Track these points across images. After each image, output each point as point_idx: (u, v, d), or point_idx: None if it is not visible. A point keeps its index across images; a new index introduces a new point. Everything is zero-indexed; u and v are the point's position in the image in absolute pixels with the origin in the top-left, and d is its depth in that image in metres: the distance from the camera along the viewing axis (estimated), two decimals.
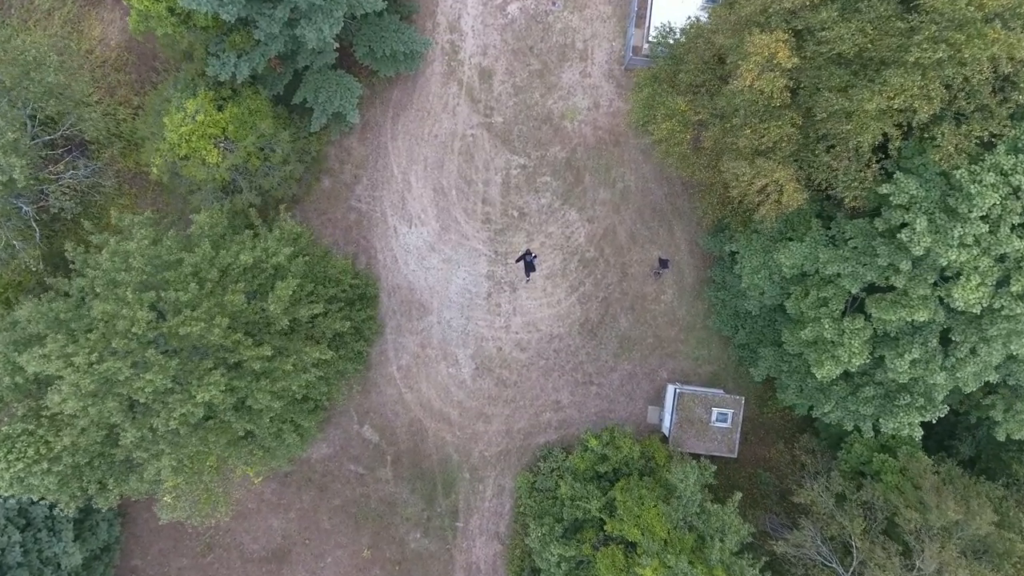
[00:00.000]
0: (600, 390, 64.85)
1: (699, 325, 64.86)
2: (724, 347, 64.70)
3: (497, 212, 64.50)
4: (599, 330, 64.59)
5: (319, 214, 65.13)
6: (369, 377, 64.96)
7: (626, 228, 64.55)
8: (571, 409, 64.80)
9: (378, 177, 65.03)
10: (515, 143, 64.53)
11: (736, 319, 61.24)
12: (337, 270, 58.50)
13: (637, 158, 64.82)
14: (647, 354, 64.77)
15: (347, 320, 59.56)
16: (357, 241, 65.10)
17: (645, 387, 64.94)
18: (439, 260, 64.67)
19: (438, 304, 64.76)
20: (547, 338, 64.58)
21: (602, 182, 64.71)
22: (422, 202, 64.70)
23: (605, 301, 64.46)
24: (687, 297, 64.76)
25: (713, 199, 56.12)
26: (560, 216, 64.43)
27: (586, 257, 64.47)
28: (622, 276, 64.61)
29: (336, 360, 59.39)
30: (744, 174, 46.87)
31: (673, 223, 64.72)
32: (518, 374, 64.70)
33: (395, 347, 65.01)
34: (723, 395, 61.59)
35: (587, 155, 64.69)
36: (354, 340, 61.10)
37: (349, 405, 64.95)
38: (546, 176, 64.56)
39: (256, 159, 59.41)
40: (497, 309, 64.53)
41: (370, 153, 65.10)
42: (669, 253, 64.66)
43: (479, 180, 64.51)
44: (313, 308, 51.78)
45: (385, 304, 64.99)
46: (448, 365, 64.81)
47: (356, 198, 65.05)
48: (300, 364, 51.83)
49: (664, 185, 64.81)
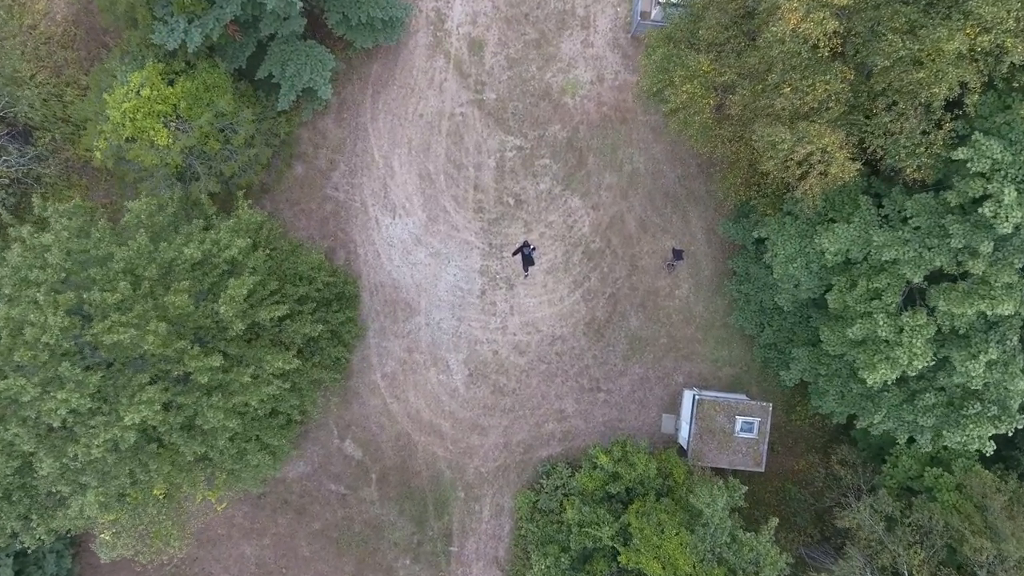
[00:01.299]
0: (608, 397, 55.19)
1: (718, 323, 55.19)
2: (747, 347, 55.05)
3: (491, 200, 54.88)
4: (606, 330, 54.97)
5: (291, 204, 55.43)
6: (350, 386, 55.29)
7: (635, 216, 54.93)
8: (576, 419, 55.13)
9: (357, 162, 55.38)
10: (510, 122, 54.91)
11: (762, 316, 51.57)
12: (309, 266, 48.79)
13: (647, 137, 55.16)
14: (660, 356, 55.12)
15: (321, 323, 49.93)
16: (334, 234, 55.42)
17: (659, 393, 55.28)
18: (426, 254, 55.04)
19: (426, 304, 55.13)
20: (548, 340, 54.94)
21: (608, 164, 55.08)
22: (406, 190, 55.08)
23: (613, 298, 54.84)
24: (704, 292, 55.11)
25: (737, 178, 46.47)
26: (561, 203, 54.80)
27: (591, 249, 54.84)
28: (631, 269, 54.99)
29: (309, 368, 49.74)
30: (783, 142, 37.17)
31: (688, 209, 55.09)
32: (517, 380, 55.08)
33: (379, 352, 55.36)
34: (748, 402, 51.87)
35: (590, 134, 55.05)
36: (331, 345, 51.40)
37: (328, 418, 55.29)
38: (545, 159, 54.95)
39: (215, 141, 49.70)
40: (492, 308, 54.92)
41: (348, 135, 55.45)
42: (684, 243, 55.02)
43: (470, 164, 54.91)
44: (276, 310, 42.03)
45: (367, 304, 55.33)
46: (438, 372, 55.17)
47: (332, 186, 55.39)
48: (261, 375, 42.24)
49: (677, 166, 55.16)
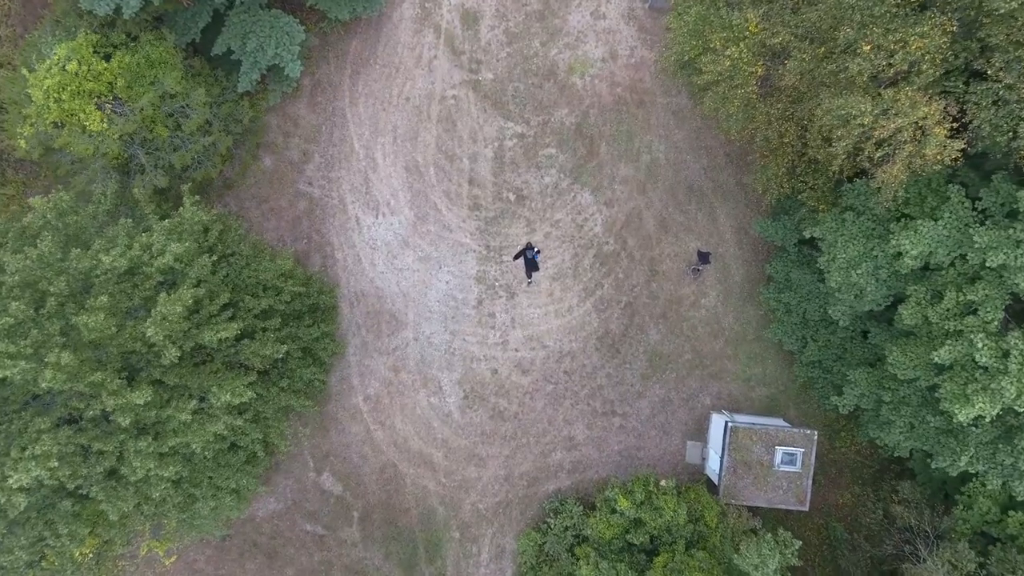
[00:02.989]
0: (625, 422, 45.37)
1: (751, 336, 45.36)
2: (785, 364, 45.21)
3: (488, 195, 45.09)
4: (622, 345, 45.18)
5: (258, 202, 45.53)
6: (327, 411, 45.46)
7: (654, 213, 45.13)
8: (588, 447, 45.32)
9: (334, 153, 45.53)
10: (510, 106, 45.08)
11: (805, 329, 41.72)
12: (274, 274, 38.88)
13: (667, 122, 45.30)
14: (684, 375, 45.31)
15: (289, 340, 40.06)
16: (308, 236, 45.56)
17: (682, 417, 45.46)
18: (414, 259, 45.22)
19: (414, 315, 45.33)
20: (555, 356, 45.13)
21: (623, 154, 45.26)
22: (391, 184, 45.25)
23: (629, 308, 45.06)
24: (735, 301, 45.30)
25: (780, 167, 36.59)
26: (569, 199, 44.99)
27: (604, 251, 45.04)
28: (650, 275, 45.21)
29: (275, 395, 39.86)
30: (861, 115, 27.28)
31: (715, 205, 45.27)
32: (519, 404, 45.29)
33: (360, 372, 45.51)
34: (789, 429, 42.03)
35: (603, 120, 45.21)
36: (302, 366, 41.42)
37: (302, 447, 45.47)
38: (550, 148, 45.12)
39: (162, 127, 39.78)
40: (490, 320, 45.14)
41: (323, 122, 45.58)
42: (711, 244, 45.25)
43: (464, 155, 45.09)
44: (224, 329, 32.24)
45: (346, 317, 45.48)
46: (429, 393, 45.37)
47: (306, 180, 45.54)
48: (207, 410, 32.52)
49: (703, 156, 45.31)
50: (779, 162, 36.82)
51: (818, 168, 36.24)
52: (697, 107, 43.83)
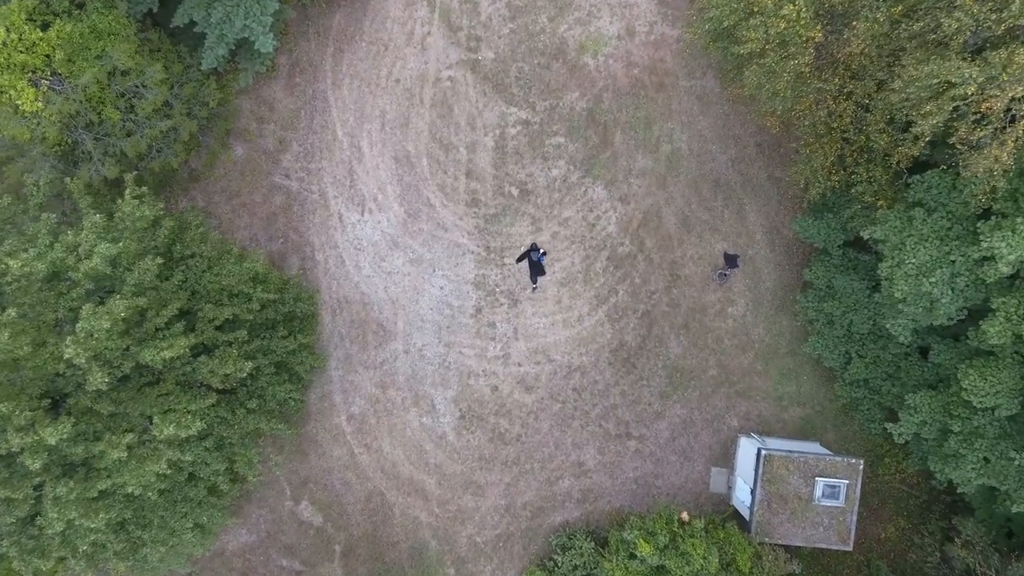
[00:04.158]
0: (641, 446, 38.89)
1: (784, 350, 38.88)
2: (822, 382, 38.74)
3: (488, 190, 38.62)
4: (639, 359, 38.72)
5: (228, 196, 39.01)
6: (307, 432, 38.99)
7: (676, 210, 38.66)
8: (600, 474, 38.85)
9: (315, 142, 39.04)
10: (513, 89, 38.63)
11: (849, 343, 35.24)
12: (240, 279, 32.48)
13: (691, 108, 38.80)
14: (709, 393, 38.85)
15: (260, 355, 33.62)
16: (285, 235, 39.06)
17: (706, 440, 38.99)
18: (405, 261, 38.75)
19: (404, 325, 38.85)
20: (564, 372, 38.69)
21: (640, 144, 38.79)
22: (379, 177, 38.77)
23: (647, 317, 38.60)
24: (766, 310, 38.83)
25: (829, 155, 30.25)
26: (580, 194, 38.55)
27: (619, 253, 38.60)
28: (671, 280, 38.75)
29: (242, 418, 33.39)
30: (964, 83, 20.97)
31: (744, 201, 38.78)
32: (522, 425, 38.84)
33: (343, 388, 39.02)
34: (832, 458, 35.58)
35: (618, 105, 38.75)
36: (275, 383, 35.00)
37: (278, 473, 39.02)
38: (559, 136, 38.65)
39: (113, 109, 33.37)
40: (490, 331, 38.69)
41: (303, 107, 39.07)
42: (739, 246, 38.80)
43: (461, 144, 38.62)
44: (169, 348, 25.81)
45: (328, 326, 38.98)
46: (421, 413, 38.92)
47: (283, 172, 39.04)
48: (148, 447, 26.07)
49: (731, 146, 38.81)
50: (827, 150, 30.30)
51: (872, 157, 29.74)
52: (726, 90, 37.27)
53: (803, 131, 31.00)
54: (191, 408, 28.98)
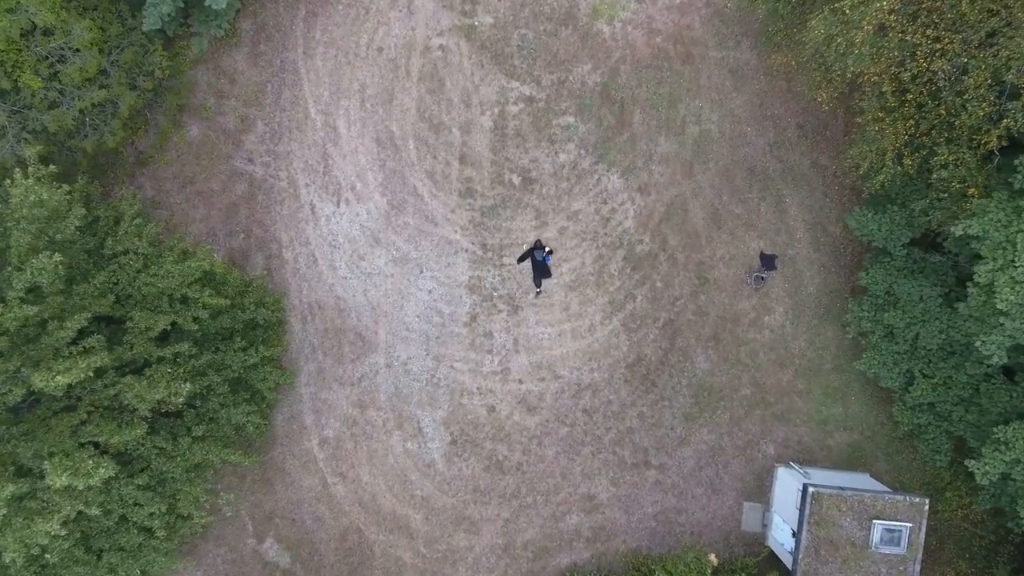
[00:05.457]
0: (662, 477, 32.43)
1: (829, 366, 32.41)
2: (874, 403, 32.25)
3: (485, 178, 32.14)
4: (660, 376, 32.26)
5: (181, 184, 32.50)
6: (272, 459, 32.51)
7: (704, 202, 32.20)
8: (613, 509, 32.39)
9: (283, 120, 32.53)
10: (515, 60, 32.16)
11: (912, 360, 28.71)
12: (182, 281, 26.06)
13: (722, 83, 32.33)
14: (741, 415, 32.40)
15: (206, 372, 27.16)
16: (247, 229, 32.56)
17: (738, 471, 32.53)
18: (387, 260, 32.28)
19: (387, 335, 32.37)
20: (572, 390, 32.23)
21: (663, 125, 32.32)
22: (358, 162, 32.30)
23: (669, 327, 32.14)
24: (808, 318, 32.35)
25: (900, 133, 23.92)
26: (592, 183, 32.08)
27: (637, 253, 32.15)
28: (698, 284, 32.30)
29: (187, 448, 26.96)
30: None
31: (784, 192, 32.31)
32: (524, 451, 32.37)
33: (315, 408, 32.54)
34: (892, 496, 29.04)
35: (636, 79, 32.28)
36: (231, 403, 28.61)
37: (239, 505, 32.57)
38: (568, 115, 32.16)
39: (32, 75, 26.90)
40: (487, 343, 32.20)
41: (269, 80, 32.58)
42: (777, 244, 32.32)
43: (454, 124, 32.13)
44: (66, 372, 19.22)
45: (297, 336, 32.48)
46: (405, 437, 32.44)
47: (245, 156, 32.54)
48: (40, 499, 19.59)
49: (768, 127, 32.33)
50: (898, 127, 23.81)
51: (957, 135, 23.24)
52: (766, 60, 30.74)
53: (869, 104, 24.45)
54: (115, 440, 22.50)
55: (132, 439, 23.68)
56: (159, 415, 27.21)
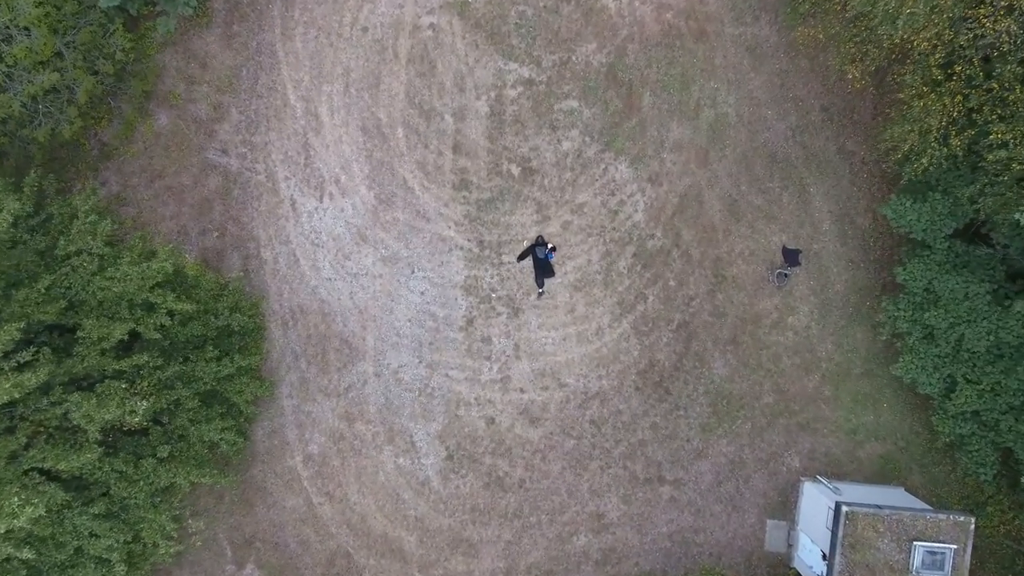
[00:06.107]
0: (677, 493, 29.43)
1: (858, 370, 29.38)
2: (908, 411, 29.20)
3: (481, 169, 29.15)
4: (674, 383, 29.26)
5: (149, 178, 29.46)
6: (252, 478, 29.49)
7: (720, 193, 29.20)
8: (624, 528, 29.38)
9: (260, 108, 29.50)
10: (512, 40, 29.16)
11: (955, 364, 25.66)
12: (139, 284, 23.10)
13: (740, 62, 29.34)
14: (764, 425, 29.39)
15: (174, 386, 24.18)
16: (222, 227, 29.54)
17: (760, 485, 29.52)
18: (375, 260, 29.27)
19: (376, 341, 29.35)
20: (578, 400, 29.23)
21: (675, 109, 29.31)
22: (342, 153, 29.30)
23: (684, 329, 29.13)
24: (836, 318, 29.32)
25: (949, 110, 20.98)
26: (598, 173, 29.09)
27: (647, 249, 29.14)
28: (715, 282, 29.30)
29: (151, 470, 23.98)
30: None
31: (808, 181, 29.31)
32: (526, 467, 29.36)
33: (298, 422, 29.54)
34: (934, 515, 26.00)
35: (646, 59, 29.28)
36: (202, 419, 25.63)
37: (216, 527, 29.55)
38: (571, 99, 29.15)
39: None
40: (485, 348, 29.18)
41: (244, 63, 29.56)
42: (801, 238, 29.32)
43: (446, 110, 29.14)
44: None
45: (278, 343, 29.47)
46: (397, 452, 29.43)
47: (219, 147, 29.51)
48: None
49: (790, 111, 29.33)
50: (945, 103, 20.82)
51: (1009, 114, 20.24)
52: (789, 34, 27.74)
53: (911, 78, 21.44)
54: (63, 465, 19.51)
55: (85, 464, 20.65)
56: (122, 433, 24.23)
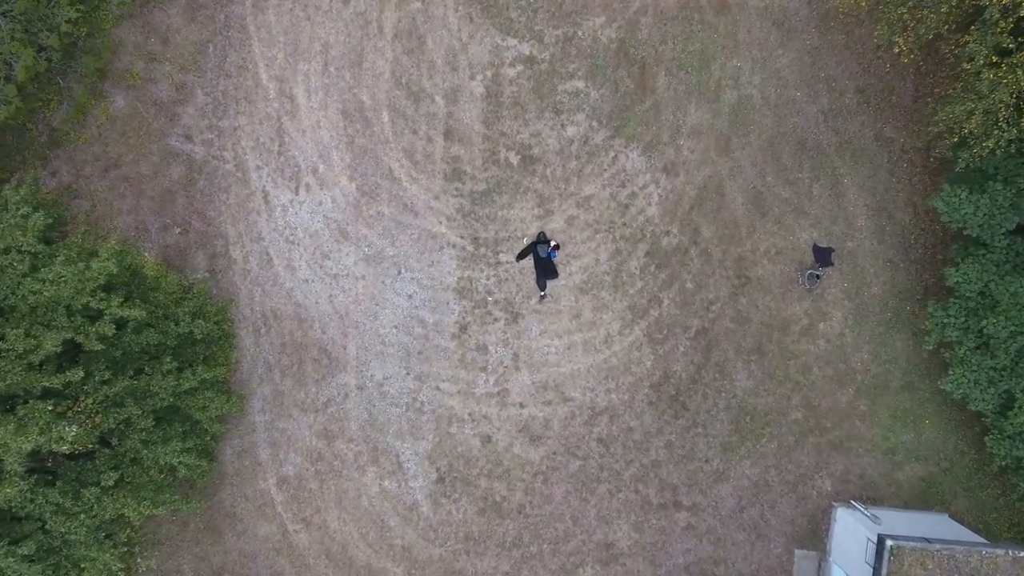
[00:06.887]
0: (696, 519, 26.12)
1: (898, 383, 26.07)
2: (953, 428, 25.86)
3: (476, 157, 25.81)
4: (691, 397, 25.94)
5: (104, 168, 26.13)
6: (220, 502, 26.16)
7: (744, 184, 25.88)
8: (636, 559, 26.04)
9: (228, 89, 26.17)
10: (511, 12, 25.81)
11: (1013, 378, 22.45)
12: (75, 287, 19.76)
13: (766, 38, 26.03)
14: (792, 444, 26.07)
15: (124, 403, 20.81)
16: (186, 222, 26.19)
17: (787, 511, 26.21)
18: (358, 259, 25.92)
19: (358, 350, 26.00)
20: (585, 416, 25.89)
21: (693, 90, 25.97)
22: (320, 140, 25.97)
23: (703, 337, 25.79)
24: (872, 326, 25.99)
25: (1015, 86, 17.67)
26: (607, 162, 25.75)
27: (662, 247, 25.81)
28: (737, 284, 25.97)
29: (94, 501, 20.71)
30: None
31: (841, 171, 25.99)
32: (526, 490, 26.04)
33: (271, 440, 26.21)
34: (991, 551, 22.66)
35: (660, 34, 25.97)
36: (157, 440, 22.33)
37: (179, 557, 26.21)
38: (577, 80, 25.82)
39: None
40: (481, 358, 25.84)
41: (210, 39, 26.24)
42: (834, 235, 25.95)
43: (437, 91, 25.80)
44: None
45: (249, 351, 26.14)
46: (382, 474, 26.10)
47: (183, 133, 26.16)
48: None
49: (822, 92, 25.97)
50: (1019, 77, 17.49)
51: None
52: (817, 8, 24.35)
53: (975, 47, 18.07)
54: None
55: (9, 498, 17.28)
56: (65, 457, 20.87)
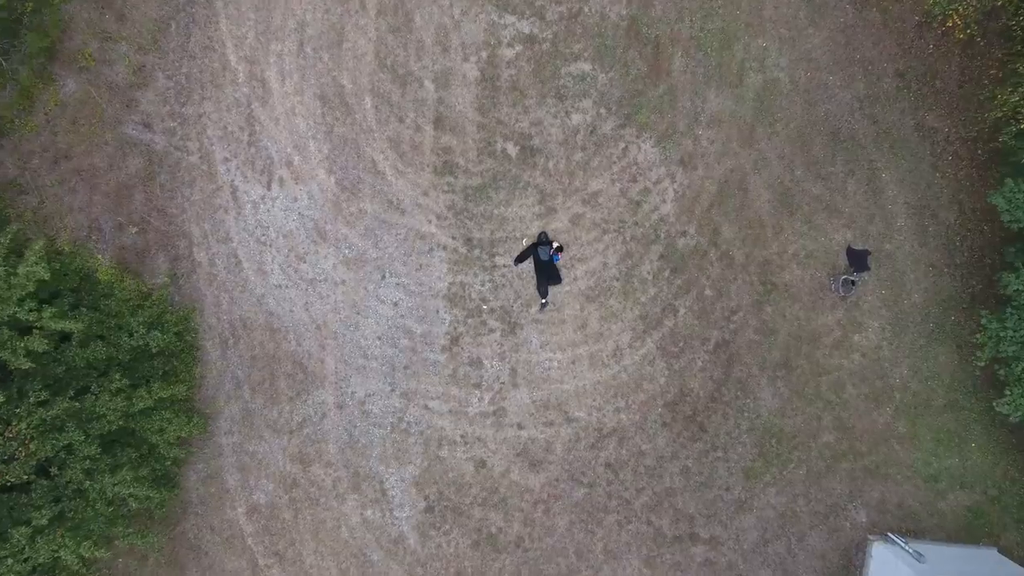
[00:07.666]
0: (715, 554, 23.21)
1: (941, 401, 23.16)
2: (1002, 451, 22.93)
3: (470, 148, 22.87)
4: (710, 418, 23.00)
5: (54, 159, 23.17)
6: (182, 533, 23.23)
7: (770, 179, 22.94)
8: None
9: (192, 72, 23.24)
10: None
11: None
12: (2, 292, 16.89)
13: (794, 15, 23.09)
14: (821, 470, 23.13)
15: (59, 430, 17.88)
16: (145, 219, 23.23)
17: (817, 544, 23.31)
18: (336, 262, 22.98)
19: (337, 364, 23.07)
20: (590, 438, 22.95)
21: (713, 73, 23.05)
22: (295, 128, 23.02)
23: (723, 350, 22.87)
24: (912, 338, 23.07)
25: None
26: (617, 154, 22.81)
27: (677, 249, 22.87)
28: (762, 291, 23.05)
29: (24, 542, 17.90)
30: None
31: (879, 165, 23.08)
32: (525, 521, 23.13)
33: (240, 465, 23.31)
34: None
35: (676, 11, 23.02)
36: (102, 471, 19.47)
37: None
38: (582, 62, 22.89)
39: None
40: (474, 374, 22.92)
41: (172, 16, 23.30)
42: (870, 237, 23.02)
43: (426, 74, 22.88)
44: None
45: (216, 366, 23.24)
46: (364, 503, 23.18)
47: (141, 120, 23.20)
48: None
49: (857, 76, 23.04)
50: None
51: None
52: None
53: None
54: None
55: None
56: None
